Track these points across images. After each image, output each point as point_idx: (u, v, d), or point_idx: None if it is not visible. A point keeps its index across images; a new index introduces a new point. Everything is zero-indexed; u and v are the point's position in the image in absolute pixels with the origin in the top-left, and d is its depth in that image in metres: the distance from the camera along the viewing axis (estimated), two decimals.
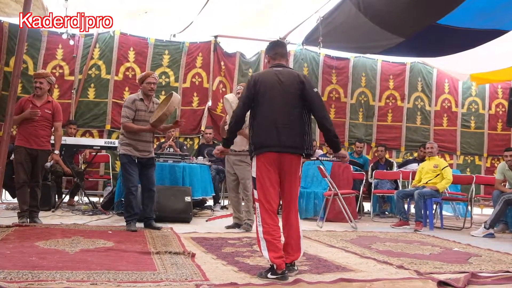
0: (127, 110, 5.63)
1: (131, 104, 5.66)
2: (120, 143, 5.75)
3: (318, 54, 10.30)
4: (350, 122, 10.60)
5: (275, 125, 3.54)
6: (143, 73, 6.00)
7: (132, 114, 5.64)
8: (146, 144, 5.77)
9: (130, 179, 5.63)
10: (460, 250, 5.02)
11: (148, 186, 5.83)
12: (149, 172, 5.83)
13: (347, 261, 4.12)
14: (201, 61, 9.71)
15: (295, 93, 3.60)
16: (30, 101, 5.64)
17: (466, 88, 11.29)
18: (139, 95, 5.76)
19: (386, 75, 10.87)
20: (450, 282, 3.26)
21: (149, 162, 5.84)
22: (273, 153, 3.52)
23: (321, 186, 7.72)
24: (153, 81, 5.75)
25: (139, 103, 5.71)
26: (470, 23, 6.95)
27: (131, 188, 5.62)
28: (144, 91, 5.75)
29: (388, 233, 6.24)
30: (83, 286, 2.92)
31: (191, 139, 9.66)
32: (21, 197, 5.67)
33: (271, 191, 3.52)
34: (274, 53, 3.83)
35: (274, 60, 3.82)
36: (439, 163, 7.32)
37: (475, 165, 11.25)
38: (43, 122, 5.72)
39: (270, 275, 3.38)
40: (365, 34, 7.91)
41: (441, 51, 8.71)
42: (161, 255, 3.99)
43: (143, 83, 5.75)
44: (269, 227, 3.45)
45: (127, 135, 5.68)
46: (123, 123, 5.67)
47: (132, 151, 5.64)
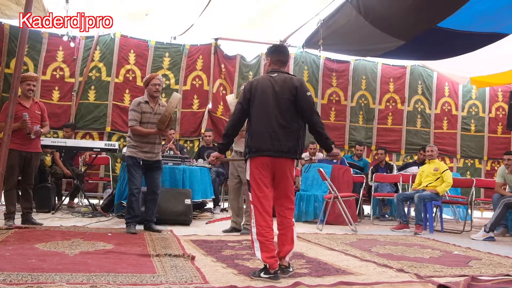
0: (134, 113, 5.68)
1: (136, 107, 5.70)
2: (127, 146, 5.83)
3: (318, 57, 10.31)
4: (350, 125, 10.59)
5: (270, 130, 3.65)
6: (148, 75, 6.04)
7: (139, 117, 5.68)
8: (153, 146, 5.78)
9: (133, 181, 5.66)
10: (460, 254, 5.02)
11: (152, 189, 5.86)
12: (155, 175, 5.86)
13: (347, 264, 4.12)
14: (201, 64, 9.72)
15: (289, 98, 3.69)
16: (19, 103, 5.54)
17: (466, 91, 11.29)
18: (144, 98, 5.81)
19: (386, 78, 10.87)
20: (450, 286, 3.26)
21: (155, 165, 5.85)
22: (266, 157, 3.65)
23: (321, 189, 7.72)
24: (157, 83, 5.80)
25: (144, 105, 5.75)
26: (470, 26, 6.95)
27: (134, 190, 5.64)
28: (150, 93, 5.79)
29: (388, 236, 6.24)
30: None
31: (191, 142, 9.66)
32: (9, 199, 5.66)
33: (265, 193, 3.64)
34: (277, 59, 3.89)
35: (275, 65, 3.88)
36: (439, 166, 7.32)
37: (475, 168, 11.25)
38: (34, 123, 5.70)
39: (263, 274, 3.49)
40: (366, 37, 7.92)
41: (441, 54, 8.73)
42: (160, 258, 3.99)
43: (148, 85, 5.80)
44: (262, 228, 3.57)
45: (134, 138, 5.72)
46: (131, 127, 5.72)
47: (137, 153, 5.68)
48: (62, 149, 7.43)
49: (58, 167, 7.83)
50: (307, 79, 10.31)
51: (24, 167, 5.69)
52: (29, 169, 5.74)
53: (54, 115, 8.55)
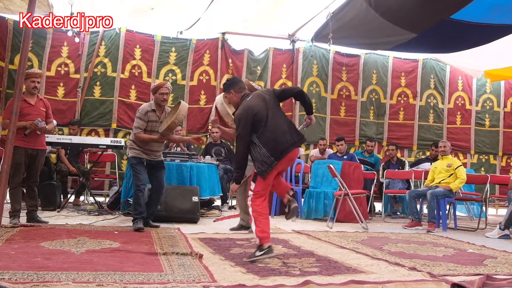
0: (140, 121, 5.80)
1: (143, 116, 5.80)
2: (130, 147, 5.95)
3: (328, 51, 10.28)
4: (360, 121, 10.57)
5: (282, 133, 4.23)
6: (157, 83, 6.10)
7: (144, 125, 5.81)
8: (156, 153, 5.97)
9: (138, 177, 5.75)
10: (475, 252, 4.99)
11: (157, 188, 5.98)
12: (160, 174, 5.99)
13: (358, 263, 4.10)
14: (208, 59, 9.72)
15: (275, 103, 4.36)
16: (23, 100, 5.54)
17: (480, 85, 11.22)
18: (151, 105, 5.91)
19: (398, 72, 10.82)
20: (465, 285, 3.23)
21: (159, 165, 6.01)
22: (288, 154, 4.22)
23: (331, 186, 7.70)
24: (165, 92, 5.89)
25: (151, 114, 5.85)
26: (484, 18, 6.88)
27: (140, 186, 5.72)
28: (157, 101, 5.90)
29: (400, 234, 6.21)
30: (89, 287, 2.93)
31: None
32: (14, 196, 5.71)
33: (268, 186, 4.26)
34: (239, 87, 4.56)
35: (241, 92, 4.52)
36: (452, 162, 7.27)
37: (489, 164, 11.18)
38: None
39: (258, 252, 3.99)
40: (376, 30, 7.87)
41: (454, 47, 8.65)
42: (168, 256, 4.00)
43: (156, 93, 5.89)
44: (259, 207, 4.15)
45: (137, 143, 5.85)
46: (135, 134, 5.85)
47: (140, 154, 5.83)
48: (67, 147, 7.46)
49: (64, 165, 7.86)
50: (317, 73, 10.29)
51: (29, 165, 5.72)
52: (35, 166, 5.77)
53: (59, 112, 8.61)
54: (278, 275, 3.48)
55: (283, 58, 10.21)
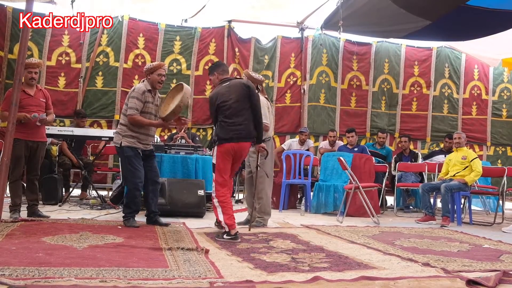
0: (137, 101, 5.47)
1: (141, 96, 5.49)
2: (122, 135, 5.55)
3: (338, 39, 10.23)
4: (372, 111, 10.53)
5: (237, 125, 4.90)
6: (153, 63, 5.84)
7: (141, 106, 5.50)
8: (150, 138, 5.76)
9: (137, 174, 5.48)
10: (491, 247, 4.97)
11: (154, 179, 5.72)
12: (153, 164, 5.77)
13: (369, 258, 4.10)
14: (214, 48, 9.70)
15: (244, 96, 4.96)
16: (23, 91, 5.49)
17: (497, 74, 11.13)
18: (147, 86, 5.62)
19: (411, 61, 10.76)
20: (480, 281, 3.22)
21: (151, 154, 5.79)
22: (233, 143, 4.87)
23: (341, 179, 7.69)
24: (164, 73, 5.69)
25: (148, 94, 5.59)
26: (502, 4, 6.82)
27: (139, 184, 5.49)
28: (153, 83, 5.63)
29: (412, 229, 6.20)
30: (92, 283, 2.94)
31: (204, 130, 9.67)
32: (15, 190, 5.72)
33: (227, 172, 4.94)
34: (222, 70, 5.21)
35: (222, 75, 5.16)
36: (467, 155, 7.23)
37: (507, 156, 11.12)
38: (40, 111, 5.73)
39: (226, 236, 4.72)
40: (389, 17, 7.82)
41: (470, 34, 8.59)
42: (173, 251, 4.00)
43: (153, 73, 5.62)
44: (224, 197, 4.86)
45: (131, 127, 5.53)
46: (130, 115, 5.46)
47: (136, 143, 5.53)
48: (68, 138, 7.47)
49: (66, 157, 7.86)
50: (326, 62, 10.25)
51: (29, 157, 5.73)
52: (35, 159, 5.78)
53: (60, 103, 8.63)
54: (286, 271, 3.48)
55: (292, 47, 10.17)
